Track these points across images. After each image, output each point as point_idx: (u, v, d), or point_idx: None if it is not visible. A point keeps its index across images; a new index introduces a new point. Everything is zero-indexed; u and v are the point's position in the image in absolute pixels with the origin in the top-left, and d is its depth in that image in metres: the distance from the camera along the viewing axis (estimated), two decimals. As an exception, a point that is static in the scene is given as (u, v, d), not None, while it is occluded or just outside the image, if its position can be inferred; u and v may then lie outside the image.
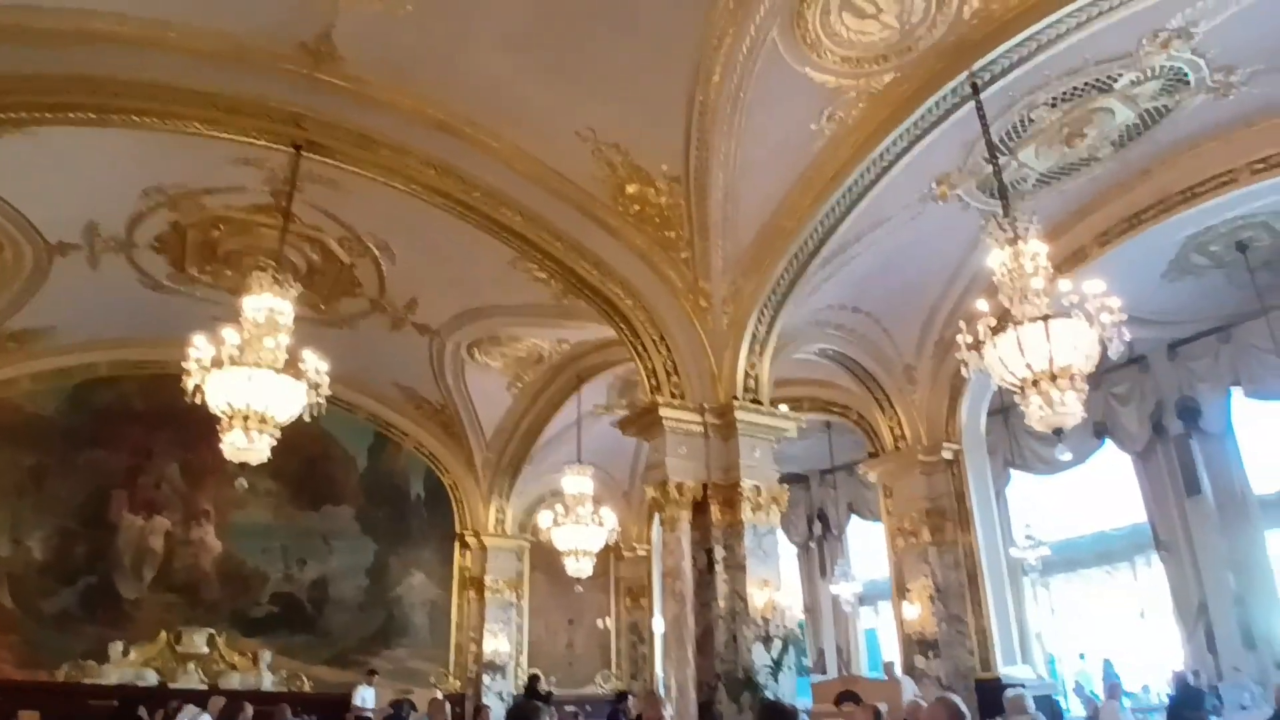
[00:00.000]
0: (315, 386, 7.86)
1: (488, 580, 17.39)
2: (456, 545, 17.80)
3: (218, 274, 12.41)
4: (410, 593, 17.44)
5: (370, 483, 17.53)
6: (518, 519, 17.70)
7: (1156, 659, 14.00)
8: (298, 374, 7.80)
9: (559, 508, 12.73)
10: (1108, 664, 14.31)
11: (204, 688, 13.87)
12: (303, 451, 15.51)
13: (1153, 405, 14.33)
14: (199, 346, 7.52)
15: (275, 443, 7.73)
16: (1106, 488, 15.65)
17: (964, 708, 4.69)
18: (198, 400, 7.51)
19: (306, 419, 7.88)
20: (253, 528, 16.08)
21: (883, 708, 6.20)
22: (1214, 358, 13.72)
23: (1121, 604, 15.86)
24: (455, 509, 17.85)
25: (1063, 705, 12.72)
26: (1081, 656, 15.79)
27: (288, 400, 7.69)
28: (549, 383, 15.17)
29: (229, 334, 7.64)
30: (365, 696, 14.62)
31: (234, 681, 14.66)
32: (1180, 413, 14.07)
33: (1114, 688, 12.02)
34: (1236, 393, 13.67)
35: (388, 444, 17.61)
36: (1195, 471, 14.00)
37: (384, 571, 17.22)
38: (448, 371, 15.17)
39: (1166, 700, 11.26)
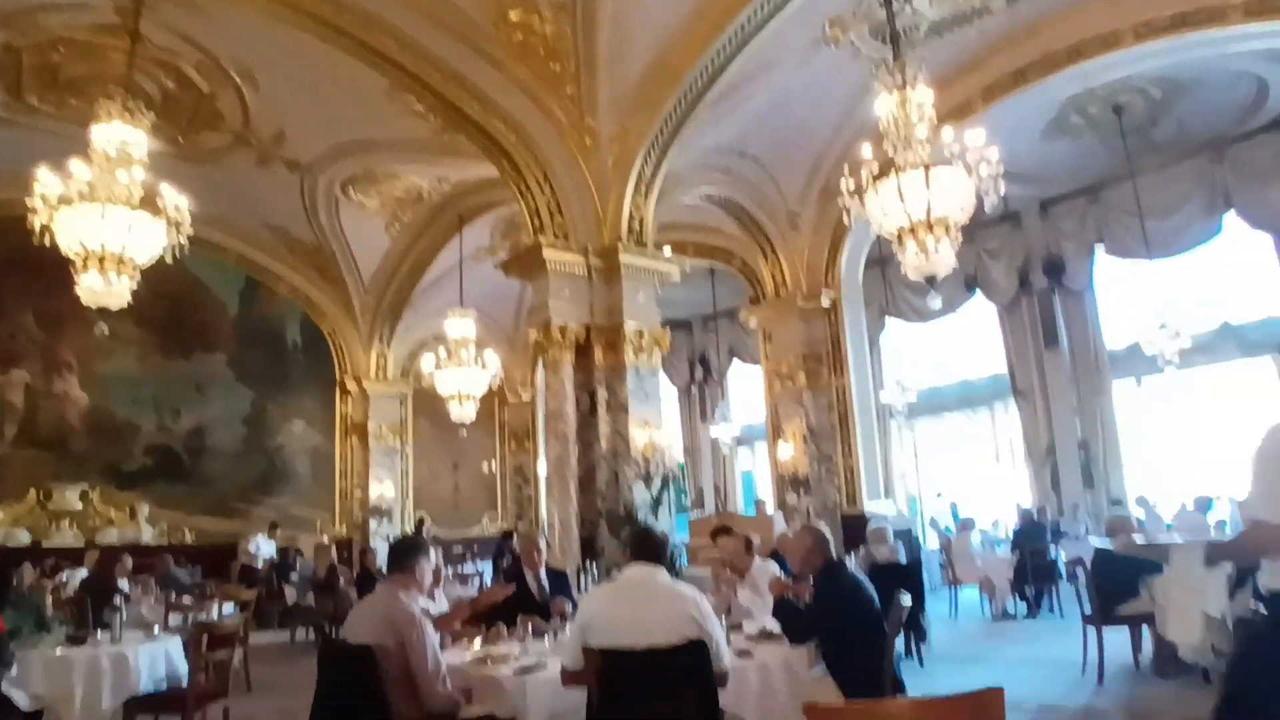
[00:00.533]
0: (176, 225, 7.36)
1: (371, 427, 17.27)
2: (337, 392, 17.53)
3: (61, 104, 11.27)
4: (291, 440, 17.16)
5: (243, 329, 16.81)
6: (400, 364, 17.45)
7: (1007, 497, 15.12)
8: (156, 211, 7.27)
9: (442, 351, 12.54)
10: (954, 507, 15.49)
11: (80, 545, 13.51)
12: (168, 297, 14.64)
13: (1021, 260, 14.99)
14: (44, 182, 6.90)
15: (136, 286, 7.30)
16: (973, 338, 16.48)
17: (827, 533, 4.95)
18: (48, 242, 6.96)
19: (169, 260, 7.42)
20: (120, 378, 15.30)
21: (755, 538, 6.48)
22: (1081, 217, 14.33)
23: (979, 447, 16.99)
24: (335, 355, 17.45)
25: (920, 538, 13.70)
26: (939, 495, 17.00)
27: (146, 240, 7.19)
28: (429, 223, 14.65)
29: (77, 168, 7.01)
30: (260, 545, 14.58)
31: (112, 537, 14.35)
32: (1046, 269, 14.79)
33: (966, 522, 13.02)
34: (1100, 252, 14.37)
35: (260, 288, 16.83)
36: (1055, 325, 14.87)
37: (262, 419, 16.83)
38: (321, 211, 14.45)
39: (1012, 534, 12.23)
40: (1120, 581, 6.85)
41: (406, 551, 4.29)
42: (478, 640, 4.86)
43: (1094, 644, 7.00)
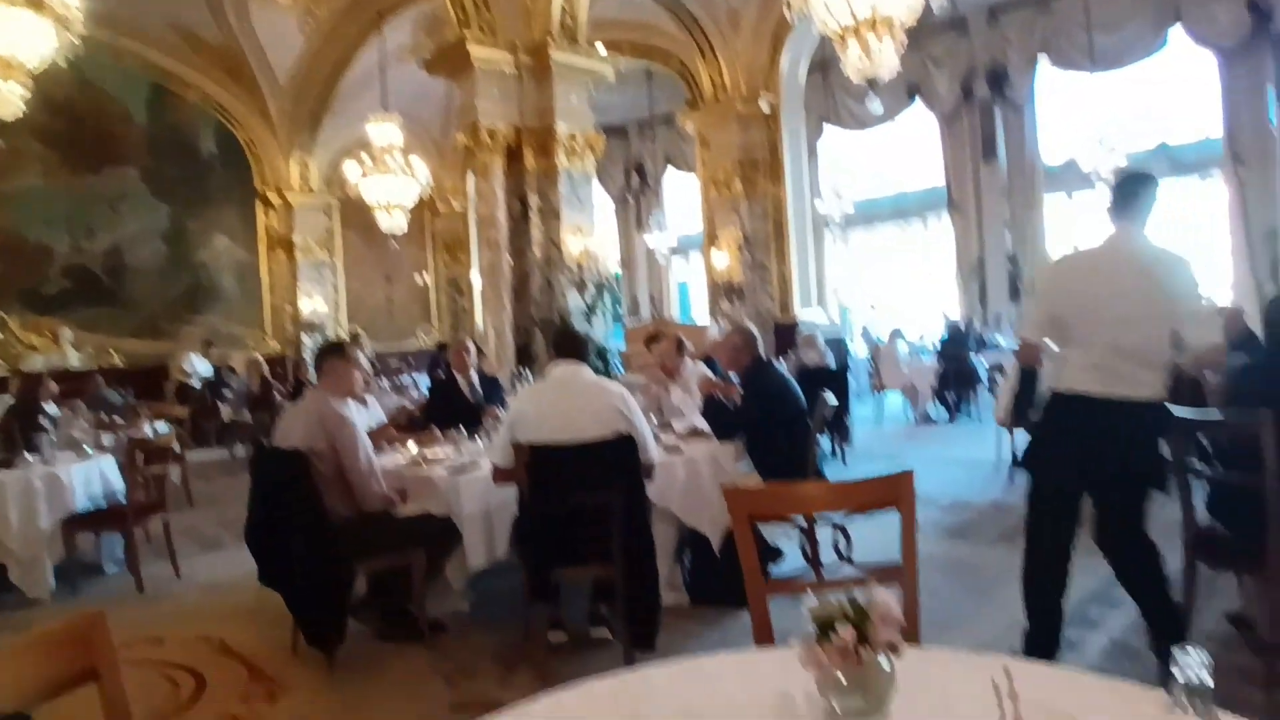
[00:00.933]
0: (64, 22, 6.67)
1: (296, 240, 16.76)
2: (258, 204, 16.84)
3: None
4: (215, 257, 16.59)
5: (154, 140, 15.74)
6: (323, 174, 16.68)
7: (935, 308, 15.46)
8: (40, 8, 6.57)
9: (366, 159, 11.98)
10: (866, 330, 15.71)
11: (4, 374, 13.12)
12: (68, 108, 13.78)
13: (965, 70, 14.72)
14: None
15: (28, 94, 6.63)
16: (910, 149, 16.35)
17: (756, 331, 5.01)
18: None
19: (63, 65, 6.77)
20: (25, 196, 14.31)
21: (688, 343, 6.53)
22: (1029, 27, 13.97)
23: (910, 259, 17.22)
24: (253, 165, 16.63)
25: (850, 347, 14.06)
26: (873, 307, 17.36)
27: (33, 39, 6.47)
28: (346, 20, 13.67)
29: (-53, -37, 6.24)
30: (195, 364, 14.35)
31: (37, 363, 13.81)
32: (989, 79, 14.54)
33: (894, 332, 13.39)
34: (1043, 65, 14.12)
35: (169, 96, 15.66)
36: (994, 138, 14.82)
37: (183, 235, 16.14)
38: (228, 8, 13.39)
39: (939, 343, 12.63)
40: (1034, 388, 7.13)
41: (324, 354, 4.34)
42: (411, 443, 4.90)
43: (1006, 446, 7.39)
